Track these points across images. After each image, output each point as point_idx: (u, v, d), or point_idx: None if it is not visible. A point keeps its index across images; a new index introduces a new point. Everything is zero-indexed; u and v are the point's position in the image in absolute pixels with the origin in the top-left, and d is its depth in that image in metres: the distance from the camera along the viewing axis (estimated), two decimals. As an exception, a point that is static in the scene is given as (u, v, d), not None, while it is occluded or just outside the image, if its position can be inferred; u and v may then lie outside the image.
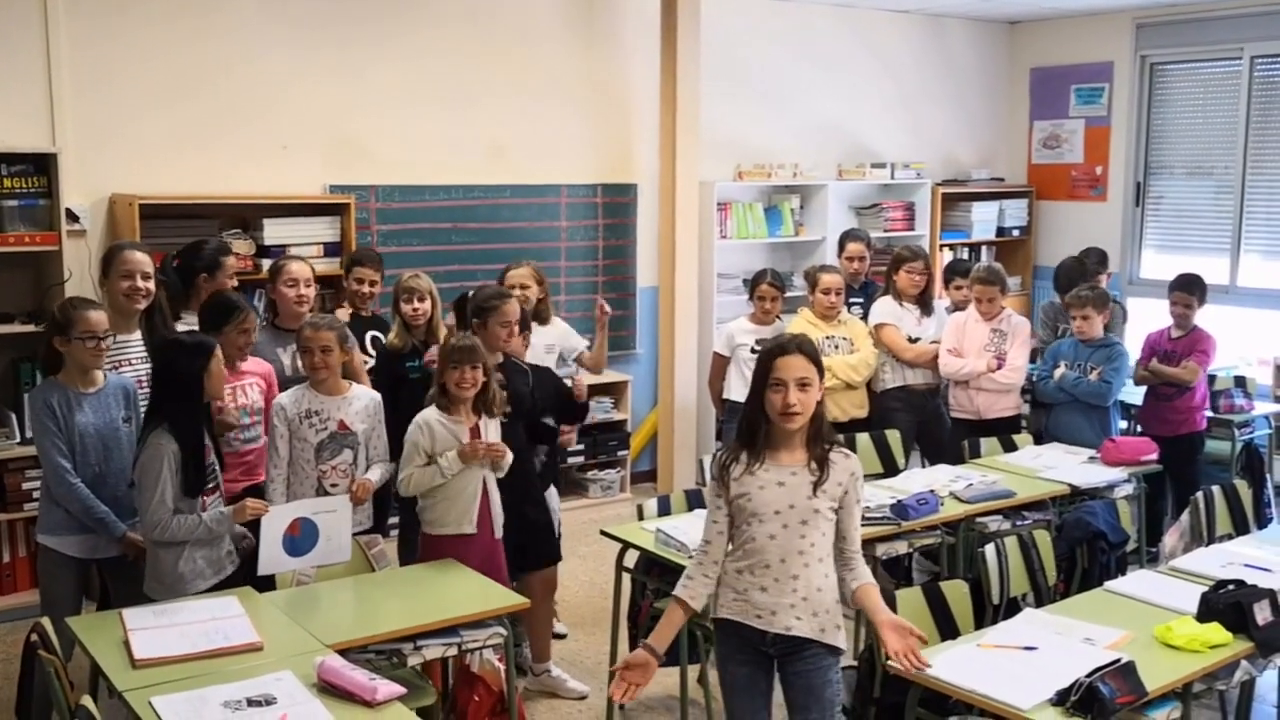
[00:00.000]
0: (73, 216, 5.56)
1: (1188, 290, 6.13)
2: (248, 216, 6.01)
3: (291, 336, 4.86)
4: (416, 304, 5.02)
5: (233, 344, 4.35)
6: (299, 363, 4.84)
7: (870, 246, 6.71)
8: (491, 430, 4.23)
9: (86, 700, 2.93)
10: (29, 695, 3.34)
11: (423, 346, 5.00)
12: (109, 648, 3.30)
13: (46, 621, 3.40)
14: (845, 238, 6.79)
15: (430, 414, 4.17)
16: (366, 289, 5.32)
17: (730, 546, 3.29)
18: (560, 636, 5.17)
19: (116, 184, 5.80)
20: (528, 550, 4.60)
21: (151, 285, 4.47)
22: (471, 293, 4.74)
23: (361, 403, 4.34)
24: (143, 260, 4.45)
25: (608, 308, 5.50)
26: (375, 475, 4.30)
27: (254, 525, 3.88)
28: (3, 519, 5.43)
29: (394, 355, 5.02)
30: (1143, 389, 6.76)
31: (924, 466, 5.91)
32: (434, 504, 4.19)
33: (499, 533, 4.29)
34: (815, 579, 3.19)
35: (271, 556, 3.84)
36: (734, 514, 3.24)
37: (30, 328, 5.28)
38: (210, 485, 3.90)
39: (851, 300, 6.40)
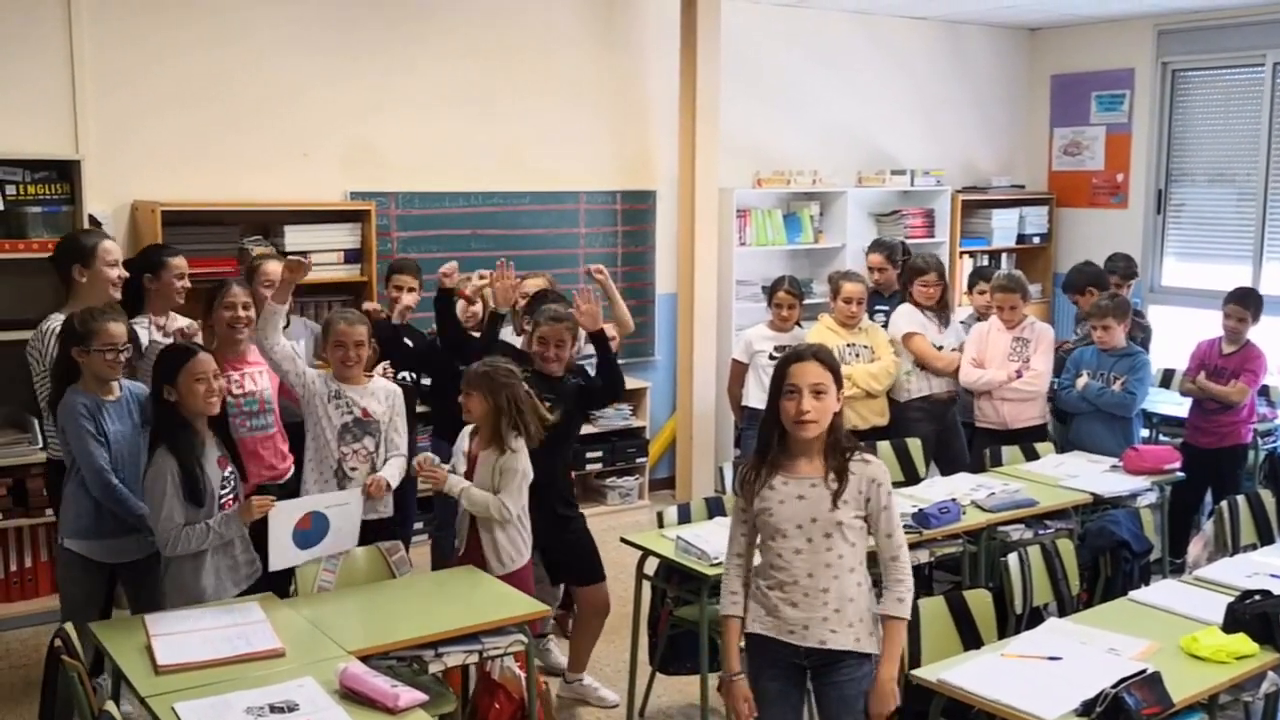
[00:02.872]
0: (95, 223, 5.56)
1: (1242, 304, 5.94)
2: (269, 223, 6.03)
3: None
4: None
5: (221, 321, 4.52)
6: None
7: (894, 256, 6.63)
8: (489, 466, 4.15)
9: (110, 706, 2.94)
10: (53, 701, 3.34)
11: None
12: (132, 653, 3.30)
13: (70, 626, 3.41)
14: (868, 248, 6.76)
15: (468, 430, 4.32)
16: (404, 296, 5.34)
17: (757, 561, 3.26)
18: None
19: (139, 190, 5.83)
20: (560, 567, 4.64)
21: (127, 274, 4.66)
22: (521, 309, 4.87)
23: (383, 393, 4.40)
24: (119, 249, 4.69)
25: (596, 267, 5.49)
26: (392, 473, 4.32)
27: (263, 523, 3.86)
28: (25, 524, 5.45)
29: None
30: (1165, 398, 6.73)
31: (940, 476, 5.87)
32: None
33: (494, 570, 4.13)
34: (847, 590, 3.14)
35: (281, 551, 3.83)
36: (758, 527, 3.23)
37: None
38: (226, 492, 3.86)
39: (878, 308, 6.37)
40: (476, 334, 5.02)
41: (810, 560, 3.13)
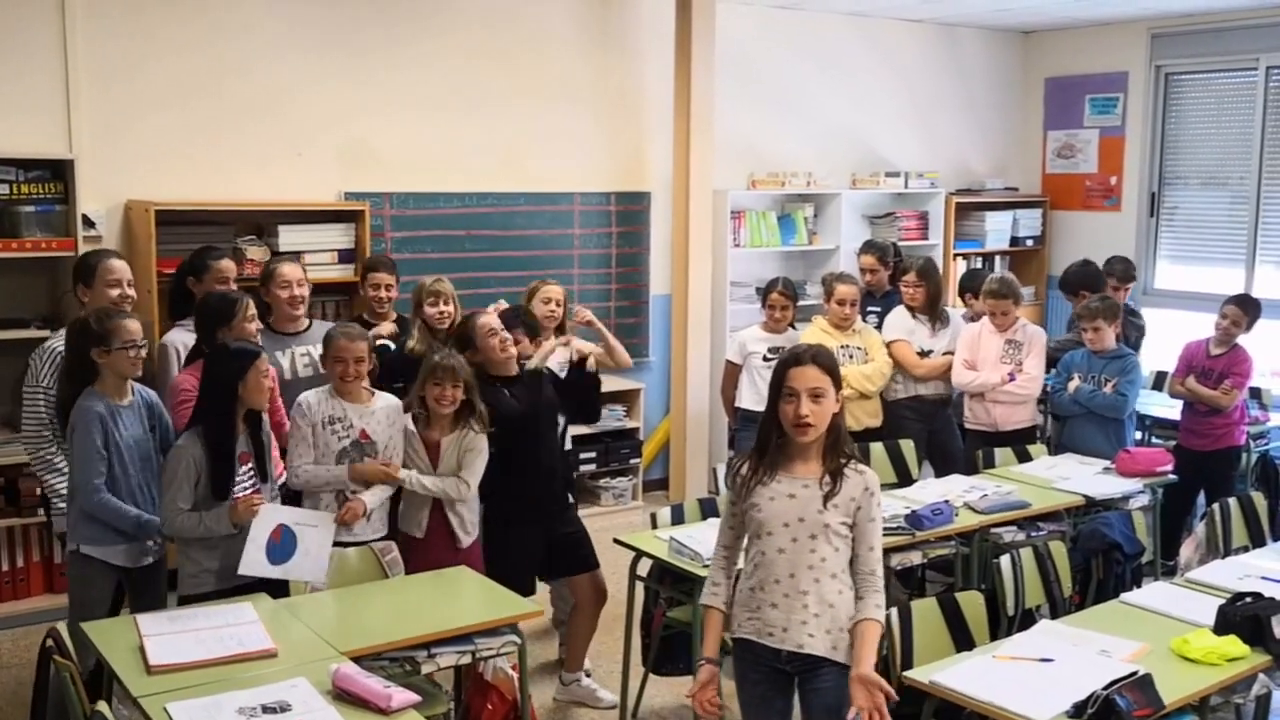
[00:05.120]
0: (89, 222, 5.58)
1: (1242, 307, 5.97)
2: (263, 223, 6.02)
3: (289, 340, 4.97)
4: (442, 306, 5.16)
5: (247, 335, 4.42)
6: (297, 365, 4.90)
7: (886, 257, 6.64)
8: (454, 446, 4.29)
9: (102, 706, 2.94)
10: (45, 701, 3.34)
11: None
12: (124, 653, 3.30)
13: (62, 626, 3.41)
14: (859, 249, 6.79)
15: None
16: (383, 294, 5.41)
17: (743, 560, 3.26)
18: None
19: (132, 190, 5.82)
20: (559, 558, 4.65)
21: (134, 293, 4.61)
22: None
23: (384, 411, 4.33)
24: (125, 268, 4.60)
25: (583, 314, 5.51)
26: (371, 497, 4.23)
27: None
28: (17, 524, 5.44)
29: (420, 359, 5.07)
30: (1158, 401, 6.74)
31: (934, 477, 5.87)
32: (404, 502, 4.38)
33: (464, 543, 4.31)
34: (828, 595, 3.13)
35: (253, 558, 3.82)
36: (746, 524, 3.23)
37: (45, 333, 5.27)
38: (250, 490, 3.87)
39: (869, 309, 6.38)
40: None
41: (793, 560, 3.13)
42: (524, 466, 4.46)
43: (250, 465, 3.93)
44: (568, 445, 4.98)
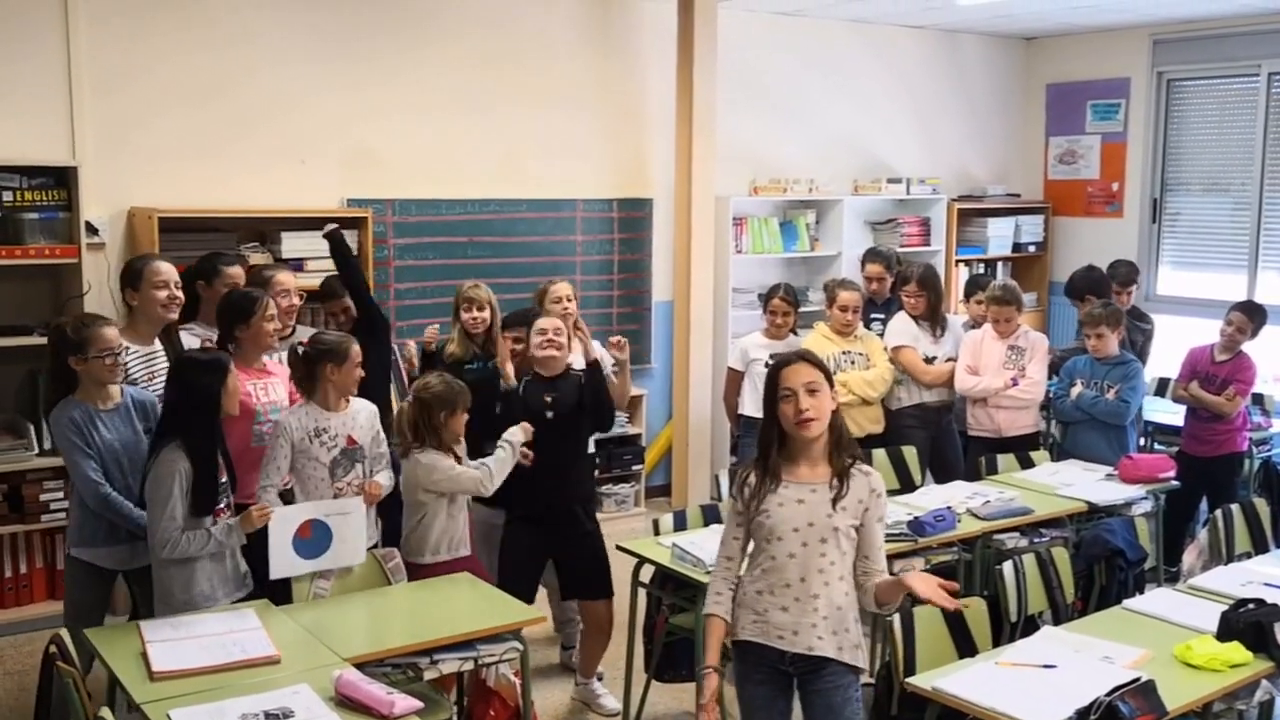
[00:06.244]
0: (92, 229, 5.58)
1: (1248, 314, 5.99)
2: (266, 229, 6.03)
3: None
4: (476, 312, 5.18)
5: (265, 335, 4.38)
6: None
7: (890, 266, 6.65)
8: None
9: (105, 712, 2.94)
10: (47, 707, 3.34)
11: (483, 353, 5.14)
12: (127, 660, 3.30)
13: (65, 633, 3.41)
14: (864, 257, 6.79)
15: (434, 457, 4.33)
16: (341, 318, 5.32)
17: (747, 565, 3.27)
18: (569, 649, 5.23)
19: (136, 197, 5.83)
20: (575, 580, 4.70)
21: (181, 295, 4.57)
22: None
23: (364, 415, 4.32)
24: (172, 270, 4.56)
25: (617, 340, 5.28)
26: (385, 479, 4.31)
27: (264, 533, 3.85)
28: (20, 530, 5.45)
29: (457, 362, 5.12)
30: (1161, 407, 6.73)
31: (934, 484, 5.87)
32: (432, 530, 4.29)
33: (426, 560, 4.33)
34: (836, 597, 3.17)
35: (282, 560, 3.82)
36: (752, 531, 3.24)
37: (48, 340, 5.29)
38: (221, 504, 3.81)
39: (873, 316, 6.39)
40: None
41: (804, 564, 3.15)
42: (533, 467, 4.47)
43: (224, 479, 3.86)
44: (590, 449, 4.96)
